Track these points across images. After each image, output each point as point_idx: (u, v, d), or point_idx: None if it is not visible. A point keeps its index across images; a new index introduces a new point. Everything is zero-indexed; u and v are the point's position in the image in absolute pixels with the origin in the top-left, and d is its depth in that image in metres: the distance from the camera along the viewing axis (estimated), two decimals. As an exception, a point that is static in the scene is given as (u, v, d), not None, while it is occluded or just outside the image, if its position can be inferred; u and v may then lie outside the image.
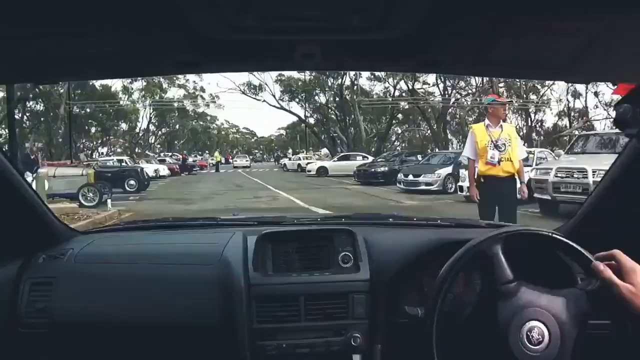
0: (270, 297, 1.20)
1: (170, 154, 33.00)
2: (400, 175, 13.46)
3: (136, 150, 34.78)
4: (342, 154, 25.20)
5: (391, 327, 1.21)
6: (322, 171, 21.39)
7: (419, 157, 17.53)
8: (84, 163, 16.79)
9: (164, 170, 22.67)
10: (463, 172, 9.42)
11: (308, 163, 25.38)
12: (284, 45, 0.70)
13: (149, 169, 19.78)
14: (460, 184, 10.31)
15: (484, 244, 0.95)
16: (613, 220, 1.17)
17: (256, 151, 57.98)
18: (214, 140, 48.97)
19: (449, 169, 12.66)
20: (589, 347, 0.86)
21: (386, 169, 16.40)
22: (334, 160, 22.77)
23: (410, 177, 12.95)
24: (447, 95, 27.75)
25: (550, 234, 0.97)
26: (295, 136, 46.87)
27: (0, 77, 0.89)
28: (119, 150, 34.81)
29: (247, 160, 38.16)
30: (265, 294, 1.20)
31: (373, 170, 16.77)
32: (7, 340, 1.18)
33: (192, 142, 43.75)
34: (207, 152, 35.08)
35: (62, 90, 25.49)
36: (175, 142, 41.46)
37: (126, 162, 19.39)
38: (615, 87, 0.98)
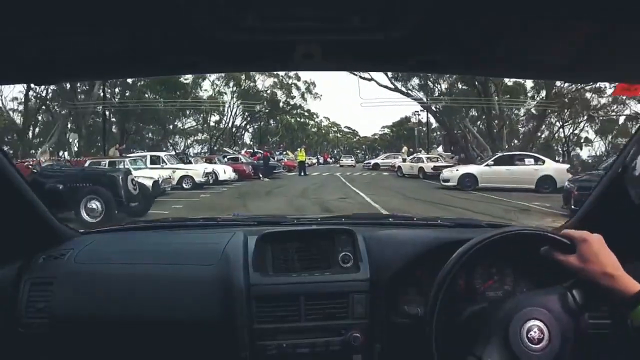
0: (270, 297, 1.20)
1: (252, 150, 26.64)
2: None
3: (220, 146, 29.49)
4: (498, 154, 15.22)
5: (391, 327, 1.20)
6: (467, 181, 13.21)
7: None
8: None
9: (225, 173, 15.56)
10: None
11: (436, 167, 16.68)
12: (284, 45, 0.70)
13: (197, 171, 13.97)
14: None
15: (484, 244, 0.95)
16: (613, 220, 1.17)
17: (358, 151, 53.24)
18: (312, 139, 44.74)
19: None
20: (589, 346, 0.86)
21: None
22: (487, 165, 13.79)
23: None
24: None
25: (550, 234, 0.97)
26: (402, 134, 42.04)
27: (0, 77, 0.89)
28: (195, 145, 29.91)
29: (352, 160, 35.39)
30: (265, 294, 1.20)
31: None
32: (7, 340, 1.18)
33: (286, 138, 38.74)
34: (297, 149, 27.87)
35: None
36: (269, 138, 35.85)
37: (164, 161, 13.96)
38: (615, 87, 0.99)
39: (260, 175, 17.86)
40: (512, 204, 9.87)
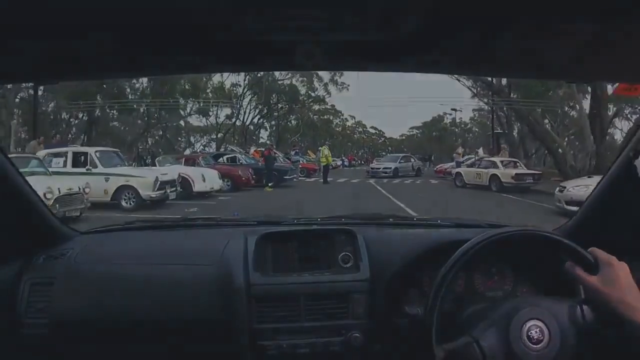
0: (270, 297, 1.20)
1: (262, 149, 20.12)
2: None
3: (236, 143, 25.24)
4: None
5: (391, 327, 1.20)
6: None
7: None
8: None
9: (204, 181, 10.73)
10: None
11: (519, 176, 12.44)
12: (284, 45, 0.70)
13: (145, 179, 8.78)
14: None
15: (484, 244, 0.95)
16: (613, 220, 1.17)
17: (384, 153, 49.07)
18: (337, 139, 42.05)
19: None
20: (589, 346, 0.86)
21: None
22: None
23: None
24: None
25: (549, 235, 0.97)
26: (432, 135, 40.19)
27: (0, 77, 0.89)
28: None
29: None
30: (265, 293, 1.20)
31: None
32: (7, 340, 1.18)
33: (308, 137, 34.96)
34: (319, 149, 22.66)
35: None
36: (288, 136, 32.14)
37: (95, 162, 8.93)
38: (615, 87, 0.99)
39: (267, 183, 13.11)
40: None
